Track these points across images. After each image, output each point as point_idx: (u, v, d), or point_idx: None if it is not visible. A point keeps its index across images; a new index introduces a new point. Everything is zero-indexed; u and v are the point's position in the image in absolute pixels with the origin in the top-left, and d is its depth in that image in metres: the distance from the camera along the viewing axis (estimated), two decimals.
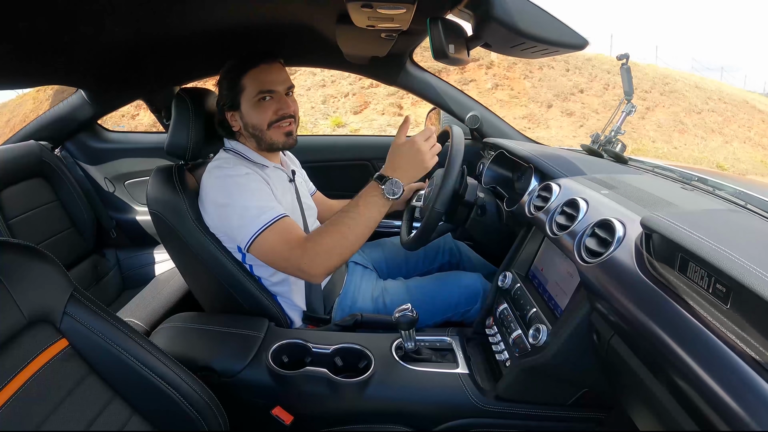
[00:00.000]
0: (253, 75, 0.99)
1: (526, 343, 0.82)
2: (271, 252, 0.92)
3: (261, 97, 0.99)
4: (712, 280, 0.50)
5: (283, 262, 0.92)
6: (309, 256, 0.89)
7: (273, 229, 0.91)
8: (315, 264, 0.89)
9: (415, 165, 0.92)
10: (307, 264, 0.89)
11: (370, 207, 0.91)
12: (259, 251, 0.93)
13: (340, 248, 0.90)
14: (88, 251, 1.64)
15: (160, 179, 1.00)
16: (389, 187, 0.90)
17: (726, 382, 0.44)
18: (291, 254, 0.90)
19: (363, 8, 0.67)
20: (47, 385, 0.59)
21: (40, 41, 0.83)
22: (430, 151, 0.92)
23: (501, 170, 1.35)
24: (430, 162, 0.92)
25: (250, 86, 0.99)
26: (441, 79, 1.62)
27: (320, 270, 0.90)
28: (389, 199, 0.90)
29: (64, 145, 1.69)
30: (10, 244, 0.62)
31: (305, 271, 0.90)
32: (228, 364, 0.89)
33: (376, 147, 1.84)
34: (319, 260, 0.89)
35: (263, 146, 1.05)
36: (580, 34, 0.69)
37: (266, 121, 1.01)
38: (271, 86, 1.00)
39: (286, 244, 0.91)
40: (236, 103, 1.01)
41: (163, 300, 1.40)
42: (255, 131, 1.02)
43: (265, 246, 0.91)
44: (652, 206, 0.76)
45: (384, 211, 0.92)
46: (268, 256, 0.93)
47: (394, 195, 0.90)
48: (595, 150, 1.34)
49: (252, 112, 1.01)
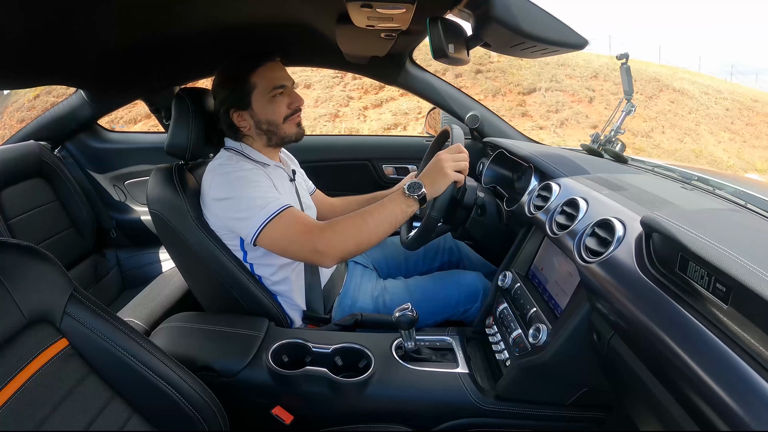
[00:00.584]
0: (262, 72, 1.00)
1: (526, 342, 0.82)
2: (283, 239, 0.93)
3: (275, 92, 1.00)
4: (712, 279, 0.50)
5: (297, 246, 0.93)
6: (326, 236, 0.90)
7: (281, 218, 0.92)
8: (331, 245, 0.90)
9: (436, 172, 0.95)
10: (323, 244, 0.90)
11: (392, 202, 0.94)
12: (269, 240, 0.93)
13: (358, 233, 0.91)
14: (88, 251, 1.64)
15: (160, 179, 1.00)
16: (411, 185, 0.93)
17: (726, 382, 0.44)
18: (306, 237, 0.91)
19: (362, 8, 0.67)
20: (47, 385, 0.59)
21: (39, 41, 0.83)
22: (454, 163, 0.96)
23: (501, 170, 1.35)
24: (449, 171, 0.94)
25: (261, 84, 1.00)
26: (441, 79, 1.62)
27: (335, 251, 0.91)
28: (409, 196, 0.92)
29: (64, 145, 1.69)
30: (10, 244, 0.62)
31: (320, 251, 0.91)
32: (228, 363, 0.89)
33: (376, 147, 1.85)
34: (335, 241, 0.90)
35: (274, 141, 1.06)
36: (580, 34, 0.69)
37: (282, 115, 1.02)
38: (281, 81, 1.01)
39: (298, 229, 0.92)
40: (246, 102, 1.01)
41: (163, 300, 1.40)
42: (270, 127, 1.03)
43: (275, 234, 0.92)
44: (652, 206, 0.76)
45: (407, 210, 0.94)
46: (279, 243, 0.94)
47: (413, 192, 0.92)
48: (595, 149, 1.34)
49: (267, 108, 1.01)
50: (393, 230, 0.94)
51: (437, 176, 0.95)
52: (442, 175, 0.95)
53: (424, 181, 0.94)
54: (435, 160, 0.97)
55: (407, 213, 0.94)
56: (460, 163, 0.96)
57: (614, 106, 1.37)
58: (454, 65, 0.83)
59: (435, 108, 1.74)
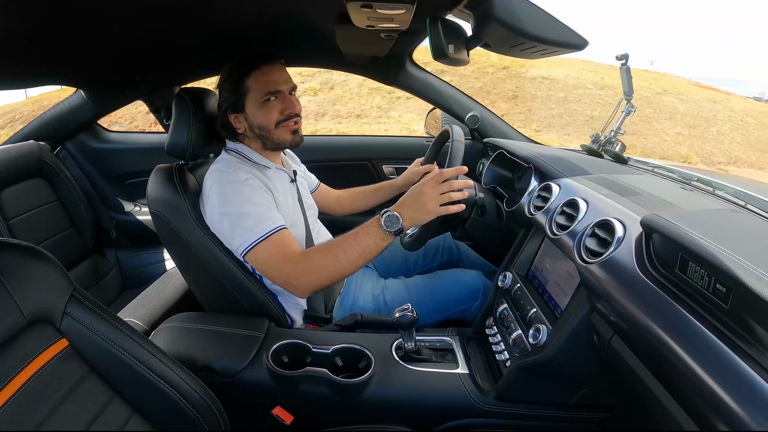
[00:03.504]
0: (256, 76, 0.99)
1: (526, 343, 0.82)
2: (265, 263, 0.93)
3: (267, 98, 1.00)
4: (712, 280, 0.50)
5: (274, 273, 0.93)
6: (299, 271, 0.90)
7: (269, 241, 0.91)
8: (303, 280, 0.90)
9: (418, 206, 0.90)
10: (295, 278, 0.90)
11: (367, 236, 0.90)
12: (254, 260, 0.94)
13: (331, 269, 0.90)
14: (88, 251, 1.64)
15: (160, 179, 1.00)
16: (387, 219, 0.89)
17: (726, 382, 0.44)
18: (283, 267, 0.91)
19: (362, 8, 0.67)
20: (47, 385, 0.59)
21: (39, 41, 0.83)
22: (438, 197, 0.89)
23: (501, 170, 1.35)
24: (432, 207, 0.89)
25: (254, 88, 0.99)
26: (441, 79, 1.62)
27: (307, 286, 0.91)
28: (386, 232, 0.89)
29: (64, 145, 1.69)
30: (10, 245, 0.61)
31: (293, 285, 0.92)
32: (228, 364, 0.89)
33: (376, 147, 1.85)
34: (307, 277, 0.90)
35: (269, 146, 1.05)
36: (580, 34, 0.69)
37: (273, 120, 1.01)
38: (275, 86, 1.00)
39: (280, 257, 0.91)
40: (240, 105, 1.01)
41: (163, 300, 1.40)
42: (262, 132, 1.03)
43: (260, 256, 0.92)
44: (652, 206, 0.76)
45: (381, 244, 0.91)
46: (260, 265, 0.95)
47: (390, 228, 0.89)
48: (594, 150, 1.35)
49: (258, 113, 1.01)
50: (367, 263, 0.93)
51: (418, 211, 0.90)
52: (423, 212, 0.90)
53: (404, 214, 0.89)
54: (417, 192, 0.90)
55: (381, 247, 0.91)
56: (445, 195, 0.89)
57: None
58: (454, 66, 0.83)
59: (435, 108, 1.74)
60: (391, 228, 0.89)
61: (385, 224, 0.89)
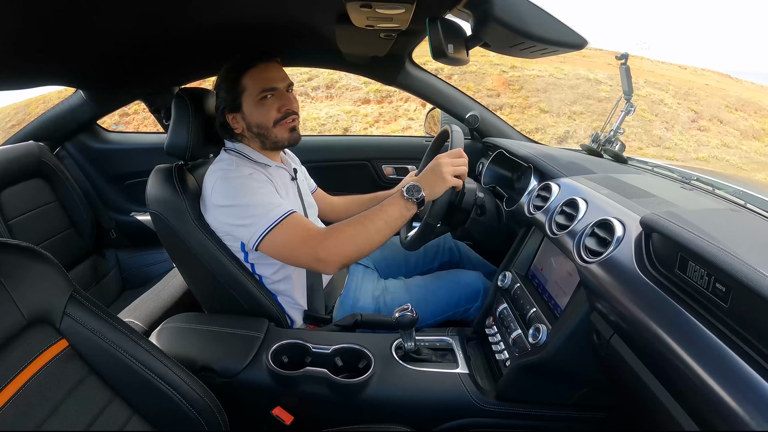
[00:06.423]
0: (252, 75, 0.99)
1: (526, 342, 0.82)
2: (285, 246, 0.93)
3: (264, 95, 0.99)
4: (712, 279, 0.50)
5: (299, 252, 0.93)
6: (327, 244, 0.90)
7: (284, 225, 0.92)
8: (332, 251, 0.90)
9: (435, 175, 0.95)
10: (324, 251, 0.90)
11: (391, 206, 0.94)
12: (271, 247, 0.93)
13: (358, 239, 0.91)
14: (88, 252, 1.64)
15: (159, 179, 1.00)
16: (409, 189, 0.93)
17: (726, 381, 0.44)
18: (308, 243, 0.91)
19: (362, 8, 0.67)
20: (47, 386, 0.59)
21: (39, 42, 0.83)
22: (452, 168, 0.95)
23: (500, 170, 1.35)
24: (447, 176, 0.94)
25: (251, 86, 0.99)
26: (441, 79, 1.62)
27: (337, 259, 0.91)
28: (408, 199, 0.92)
29: (64, 145, 1.69)
30: (9, 245, 0.61)
31: (321, 260, 0.91)
32: (228, 364, 0.89)
33: (376, 147, 1.85)
34: (337, 249, 0.90)
35: (268, 145, 1.05)
36: (580, 34, 0.69)
37: (272, 119, 1.01)
38: (272, 84, 1.00)
39: (300, 236, 0.92)
40: (237, 104, 1.01)
41: (163, 300, 1.40)
42: (260, 130, 1.03)
43: (277, 241, 0.92)
44: (652, 206, 0.76)
45: (406, 213, 0.94)
46: (281, 250, 0.94)
47: (412, 196, 0.92)
48: (594, 150, 1.35)
49: (256, 112, 1.01)
50: (393, 234, 0.94)
51: (436, 180, 0.94)
52: (440, 180, 0.94)
53: (423, 183, 0.94)
54: (434, 164, 0.96)
55: (406, 216, 0.94)
56: (458, 167, 0.96)
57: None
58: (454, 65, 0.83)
59: (434, 108, 1.74)
60: (413, 197, 0.92)
61: (407, 193, 0.92)
